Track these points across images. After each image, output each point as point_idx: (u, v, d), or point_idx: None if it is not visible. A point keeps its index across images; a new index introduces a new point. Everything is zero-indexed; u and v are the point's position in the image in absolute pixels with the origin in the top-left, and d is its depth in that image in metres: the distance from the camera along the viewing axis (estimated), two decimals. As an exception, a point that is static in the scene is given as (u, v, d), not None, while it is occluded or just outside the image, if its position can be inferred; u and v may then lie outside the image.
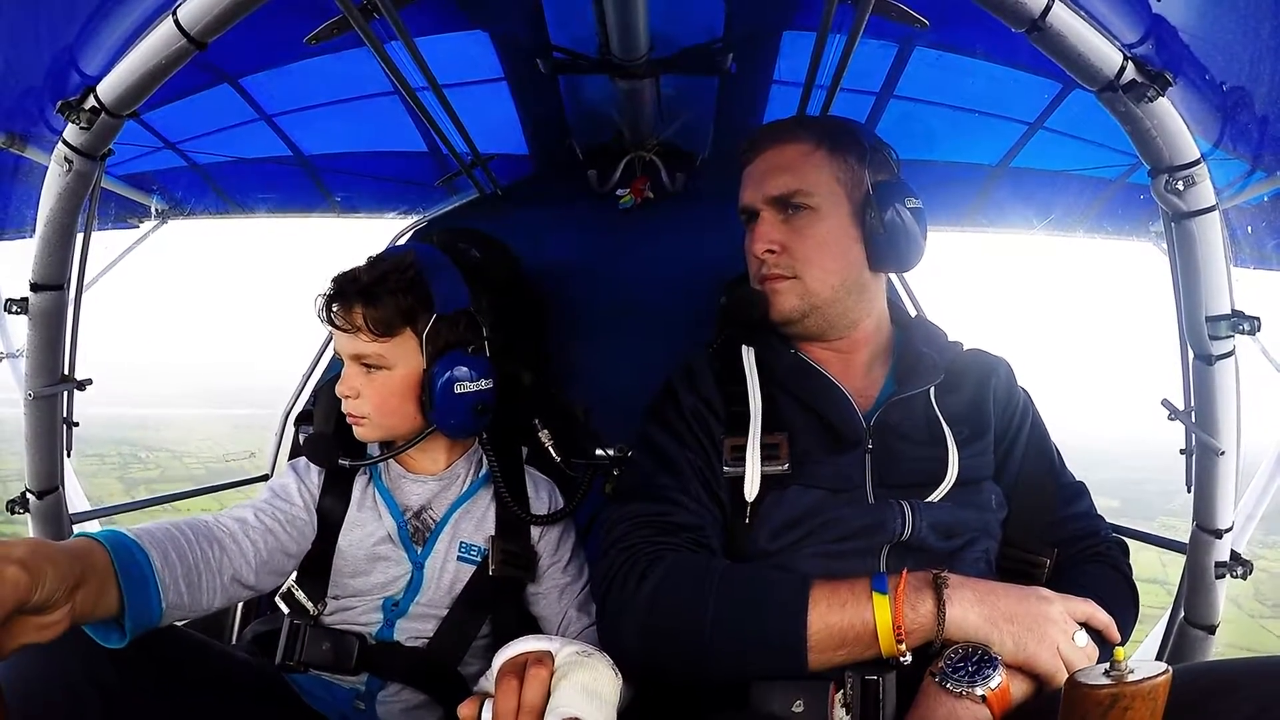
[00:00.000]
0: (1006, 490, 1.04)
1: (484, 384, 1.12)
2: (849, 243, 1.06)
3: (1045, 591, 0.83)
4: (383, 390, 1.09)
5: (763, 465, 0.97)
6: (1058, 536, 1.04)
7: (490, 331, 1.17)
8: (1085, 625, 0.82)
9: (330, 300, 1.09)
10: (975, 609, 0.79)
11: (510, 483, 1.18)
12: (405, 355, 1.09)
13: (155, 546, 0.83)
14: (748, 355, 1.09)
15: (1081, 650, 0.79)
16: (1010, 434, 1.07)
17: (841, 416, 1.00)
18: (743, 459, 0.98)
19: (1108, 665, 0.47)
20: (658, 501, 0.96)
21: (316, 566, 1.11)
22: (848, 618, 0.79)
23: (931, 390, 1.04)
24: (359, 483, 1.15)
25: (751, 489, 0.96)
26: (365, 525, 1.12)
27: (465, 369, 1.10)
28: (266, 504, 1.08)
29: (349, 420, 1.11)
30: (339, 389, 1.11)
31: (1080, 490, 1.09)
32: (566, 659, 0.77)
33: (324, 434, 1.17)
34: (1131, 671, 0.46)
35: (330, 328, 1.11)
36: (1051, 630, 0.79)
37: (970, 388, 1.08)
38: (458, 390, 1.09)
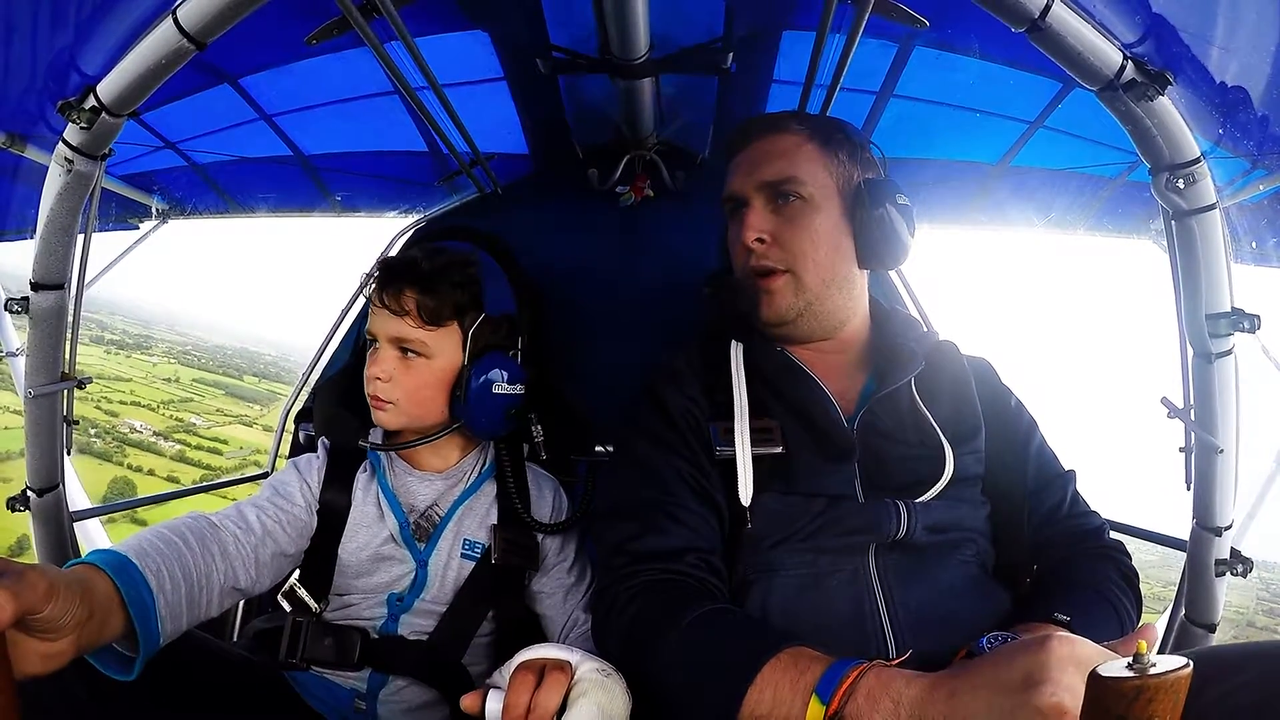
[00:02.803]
0: (998, 488, 1.03)
1: (517, 388, 1.15)
2: (840, 237, 1.05)
3: (1039, 668, 0.59)
4: (418, 378, 1.10)
5: (754, 447, 0.96)
6: (1056, 533, 1.04)
7: (527, 339, 1.20)
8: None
9: (383, 281, 1.09)
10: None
11: (516, 481, 1.18)
12: (447, 348, 1.11)
13: (155, 573, 0.80)
14: (736, 351, 1.06)
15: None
16: (1001, 431, 1.07)
17: (828, 421, 0.98)
18: (733, 442, 0.96)
19: (1130, 659, 0.47)
20: (637, 521, 0.94)
21: (319, 565, 1.10)
22: (779, 714, 0.71)
23: (913, 382, 1.03)
24: (360, 479, 1.14)
25: (745, 481, 0.94)
26: (369, 528, 1.12)
27: (502, 371, 1.13)
28: (269, 503, 1.08)
29: (374, 404, 1.11)
30: (370, 370, 1.10)
31: (1070, 479, 1.09)
32: (586, 675, 0.77)
33: (345, 413, 1.15)
34: (1154, 664, 0.46)
35: (376, 307, 1.10)
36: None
37: (953, 380, 1.07)
38: (495, 391, 1.12)
